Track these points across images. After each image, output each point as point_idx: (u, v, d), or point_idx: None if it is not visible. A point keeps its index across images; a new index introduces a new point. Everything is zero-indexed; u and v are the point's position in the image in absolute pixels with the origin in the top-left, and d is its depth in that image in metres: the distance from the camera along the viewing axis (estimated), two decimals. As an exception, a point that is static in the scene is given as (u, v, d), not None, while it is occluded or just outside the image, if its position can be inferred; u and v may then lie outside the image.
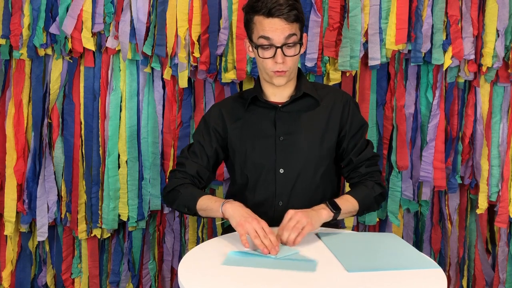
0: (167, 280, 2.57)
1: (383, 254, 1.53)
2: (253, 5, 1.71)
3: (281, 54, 1.70)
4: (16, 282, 2.54)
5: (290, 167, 1.80)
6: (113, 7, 2.32)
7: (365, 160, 1.83)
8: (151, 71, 2.40)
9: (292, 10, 1.68)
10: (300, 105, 1.83)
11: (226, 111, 1.89)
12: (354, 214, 1.78)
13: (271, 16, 1.68)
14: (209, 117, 1.90)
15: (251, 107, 1.86)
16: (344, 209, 1.69)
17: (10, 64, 2.42)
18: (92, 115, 2.41)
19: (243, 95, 1.93)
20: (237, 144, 1.85)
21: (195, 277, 1.39)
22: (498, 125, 2.41)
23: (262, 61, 1.74)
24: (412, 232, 2.53)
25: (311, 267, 1.44)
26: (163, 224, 2.54)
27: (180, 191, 1.80)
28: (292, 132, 1.81)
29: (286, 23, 1.68)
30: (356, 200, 1.75)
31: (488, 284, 2.52)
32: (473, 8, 2.30)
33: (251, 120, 1.85)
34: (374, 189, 1.80)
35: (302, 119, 1.82)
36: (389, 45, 2.31)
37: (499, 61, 2.30)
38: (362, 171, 1.82)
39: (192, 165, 1.85)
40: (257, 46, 1.72)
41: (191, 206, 1.76)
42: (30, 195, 2.44)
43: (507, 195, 2.40)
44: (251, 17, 1.73)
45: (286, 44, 1.70)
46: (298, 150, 1.80)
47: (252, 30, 1.74)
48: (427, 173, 2.39)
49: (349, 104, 1.85)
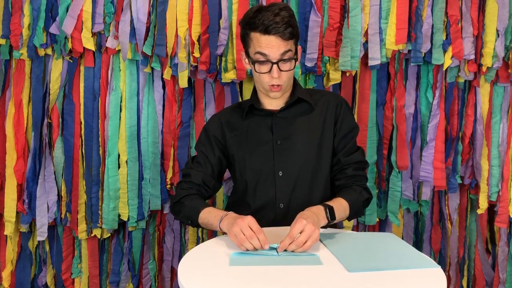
0: (167, 280, 2.57)
1: (383, 254, 1.53)
2: (250, 21, 1.75)
3: (277, 69, 1.75)
4: (16, 282, 2.54)
5: (288, 169, 1.83)
6: (113, 7, 2.32)
7: (353, 162, 1.85)
8: (151, 71, 2.40)
9: (288, 28, 1.71)
10: (295, 110, 1.88)
11: (225, 120, 1.94)
12: (343, 220, 1.80)
13: (267, 34, 1.71)
14: (209, 127, 1.95)
15: (249, 115, 1.91)
16: (338, 218, 1.71)
17: (10, 64, 2.42)
18: (92, 115, 2.41)
19: (241, 105, 1.98)
20: (236, 151, 1.90)
21: (195, 277, 1.39)
22: (498, 125, 2.41)
23: (259, 75, 1.79)
24: (412, 232, 2.53)
25: (317, 261, 1.45)
26: (163, 224, 2.54)
27: (185, 203, 1.82)
28: (289, 136, 1.85)
29: (282, 40, 1.72)
30: (349, 206, 1.76)
31: (488, 284, 2.52)
32: (473, 8, 2.30)
33: (249, 127, 1.90)
34: (362, 194, 1.83)
35: (298, 123, 1.86)
36: (389, 45, 2.31)
37: (499, 61, 2.31)
38: (348, 173, 1.84)
39: (197, 174, 1.88)
40: (254, 61, 1.77)
41: (194, 219, 1.78)
42: (30, 195, 2.44)
43: (507, 195, 2.40)
44: (247, 32, 1.77)
45: (281, 60, 1.75)
46: (296, 152, 1.84)
47: (248, 45, 1.79)
48: (427, 173, 2.39)
49: (342, 105, 1.89)
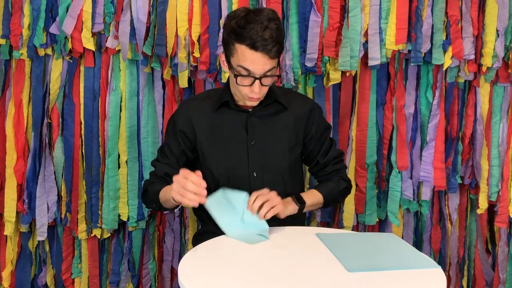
0: (167, 280, 2.57)
1: (383, 254, 1.53)
2: (237, 32, 1.66)
3: (259, 84, 1.70)
4: (16, 282, 2.54)
5: (263, 170, 1.84)
6: (113, 7, 2.32)
7: (331, 159, 1.94)
8: (151, 71, 2.40)
9: (275, 46, 1.66)
10: (270, 109, 1.86)
11: (195, 113, 1.87)
12: (319, 207, 1.92)
13: (254, 49, 1.65)
14: (177, 120, 1.88)
15: (221, 109, 1.85)
16: (309, 203, 1.83)
17: (10, 64, 2.42)
18: (92, 115, 2.41)
19: (209, 95, 1.92)
20: (208, 148, 1.85)
21: (195, 277, 1.39)
22: (498, 125, 2.41)
23: (238, 85, 1.73)
24: (412, 232, 2.53)
25: (264, 233, 1.61)
26: (163, 224, 2.54)
27: (148, 190, 1.86)
28: (264, 137, 1.85)
29: (268, 59, 1.67)
30: (321, 193, 1.88)
31: (488, 284, 2.52)
32: (473, 8, 2.30)
33: (222, 123, 1.85)
34: (339, 183, 1.93)
35: (272, 123, 1.86)
36: (389, 45, 2.31)
37: (499, 61, 2.31)
38: (328, 170, 1.95)
39: (161, 167, 1.89)
40: (236, 74, 1.71)
41: (156, 201, 1.82)
42: (30, 195, 2.44)
43: (507, 195, 2.40)
44: (232, 42, 1.69)
45: (264, 76, 1.70)
46: (270, 154, 1.85)
47: (231, 53, 1.71)
48: (427, 173, 2.39)
49: (314, 110, 1.92)
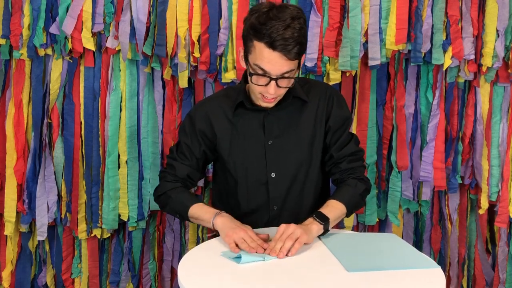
0: (167, 280, 2.57)
1: (383, 254, 1.53)
2: (256, 28, 1.57)
3: (275, 85, 1.61)
4: (16, 282, 2.54)
5: (281, 171, 1.78)
6: (113, 7, 2.31)
7: (346, 155, 1.78)
8: (151, 71, 2.40)
9: (296, 46, 1.55)
10: (288, 106, 1.77)
11: (213, 114, 1.81)
12: (343, 217, 1.74)
13: (272, 49, 1.55)
14: (196, 119, 1.82)
15: (239, 110, 1.79)
16: (333, 217, 1.65)
17: (10, 64, 2.42)
18: (92, 115, 2.41)
19: (228, 94, 1.84)
20: (227, 149, 1.81)
21: (195, 277, 1.39)
22: (498, 125, 2.41)
23: (252, 83, 1.65)
24: (412, 232, 2.52)
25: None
26: (163, 224, 2.54)
27: (171, 197, 1.79)
28: (281, 135, 1.78)
29: (287, 60, 1.57)
30: (342, 203, 1.70)
31: (488, 284, 2.52)
32: (473, 8, 2.30)
33: (239, 123, 1.80)
34: (358, 186, 1.76)
35: (290, 120, 1.78)
36: (389, 45, 2.31)
37: (499, 61, 2.30)
38: (342, 167, 1.77)
39: (182, 167, 1.82)
40: (251, 73, 1.62)
41: (183, 214, 1.77)
42: (30, 195, 2.44)
43: (507, 195, 2.40)
44: (251, 38, 1.60)
45: (281, 77, 1.61)
46: (288, 153, 1.78)
47: (249, 50, 1.62)
48: (427, 173, 2.39)
49: (333, 98, 1.80)
